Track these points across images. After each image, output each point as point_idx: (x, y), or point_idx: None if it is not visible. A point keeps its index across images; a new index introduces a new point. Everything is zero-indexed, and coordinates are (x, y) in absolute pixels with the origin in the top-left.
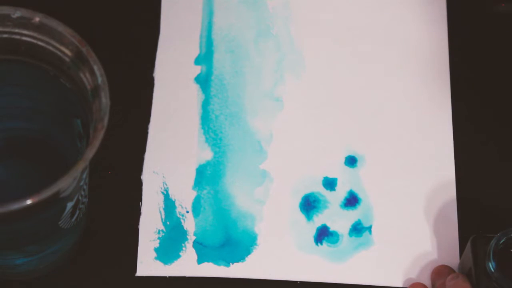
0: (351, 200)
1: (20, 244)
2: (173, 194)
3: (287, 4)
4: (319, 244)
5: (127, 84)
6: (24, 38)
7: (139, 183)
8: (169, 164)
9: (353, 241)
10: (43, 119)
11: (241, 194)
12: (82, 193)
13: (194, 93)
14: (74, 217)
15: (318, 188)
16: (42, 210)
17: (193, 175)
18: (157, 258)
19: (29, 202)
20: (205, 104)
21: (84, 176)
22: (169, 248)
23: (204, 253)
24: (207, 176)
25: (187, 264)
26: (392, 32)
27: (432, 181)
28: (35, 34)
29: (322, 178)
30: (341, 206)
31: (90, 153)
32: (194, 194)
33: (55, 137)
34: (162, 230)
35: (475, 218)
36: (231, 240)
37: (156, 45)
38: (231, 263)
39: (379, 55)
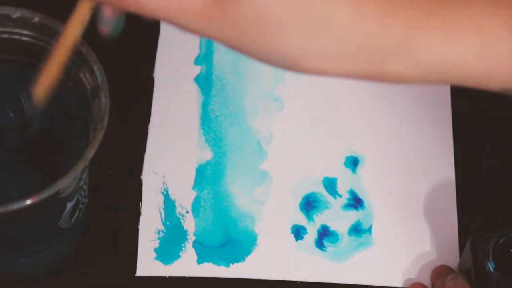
0: (352, 202)
1: (20, 244)
2: (173, 194)
3: None
4: (319, 244)
5: (127, 84)
6: (24, 38)
7: (139, 183)
8: (169, 164)
9: (353, 241)
10: (43, 119)
11: (241, 194)
12: (82, 193)
13: (194, 93)
14: (74, 217)
15: (318, 188)
16: (42, 210)
17: (193, 175)
18: (157, 258)
19: (29, 202)
20: (205, 104)
21: (84, 176)
22: (169, 248)
23: (204, 253)
24: (207, 176)
25: (187, 264)
26: None
27: (432, 181)
28: (35, 34)
29: (322, 178)
30: (342, 207)
31: (90, 153)
32: (194, 194)
33: (55, 137)
34: (162, 230)
35: (475, 218)
36: (231, 240)
37: (156, 45)
38: (231, 263)
39: None
